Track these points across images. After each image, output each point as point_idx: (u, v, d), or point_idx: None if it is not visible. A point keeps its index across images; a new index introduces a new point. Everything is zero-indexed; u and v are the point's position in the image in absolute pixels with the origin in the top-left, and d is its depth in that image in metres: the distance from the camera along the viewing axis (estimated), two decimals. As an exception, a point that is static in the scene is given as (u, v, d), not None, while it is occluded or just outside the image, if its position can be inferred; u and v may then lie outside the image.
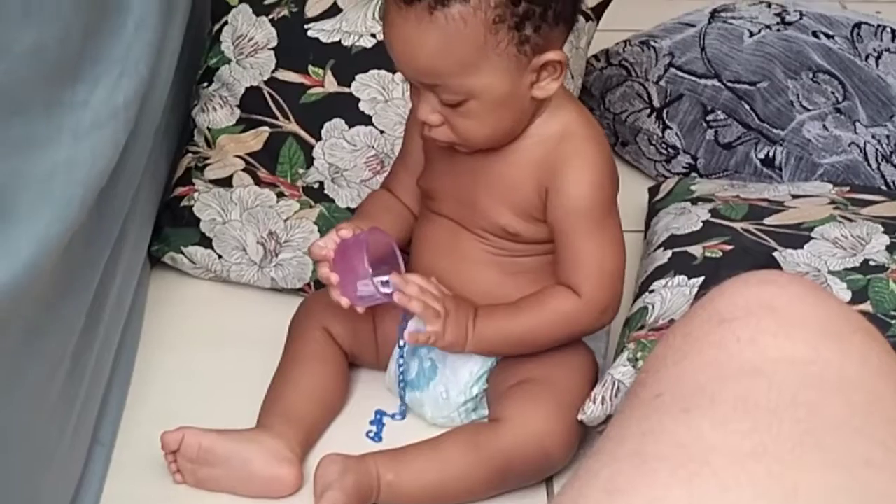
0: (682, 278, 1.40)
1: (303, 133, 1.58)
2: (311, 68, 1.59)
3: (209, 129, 1.61)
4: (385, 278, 1.30)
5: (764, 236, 1.44)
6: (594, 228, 1.30)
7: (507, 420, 1.31)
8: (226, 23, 1.64)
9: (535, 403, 1.32)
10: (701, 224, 1.48)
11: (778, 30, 1.73)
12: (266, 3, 1.63)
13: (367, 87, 1.58)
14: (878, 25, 1.78)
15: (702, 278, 1.38)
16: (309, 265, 1.55)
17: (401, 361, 1.39)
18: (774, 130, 1.67)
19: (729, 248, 1.43)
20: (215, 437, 1.31)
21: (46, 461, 1.20)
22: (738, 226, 1.46)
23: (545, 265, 1.35)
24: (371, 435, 1.39)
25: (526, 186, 1.32)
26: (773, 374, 0.41)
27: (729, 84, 1.70)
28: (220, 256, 1.57)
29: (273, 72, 1.60)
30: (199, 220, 1.58)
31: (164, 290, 1.60)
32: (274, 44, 1.61)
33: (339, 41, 1.59)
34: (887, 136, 1.66)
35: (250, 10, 1.63)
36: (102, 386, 1.37)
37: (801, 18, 1.76)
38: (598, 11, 1.70)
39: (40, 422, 1.17)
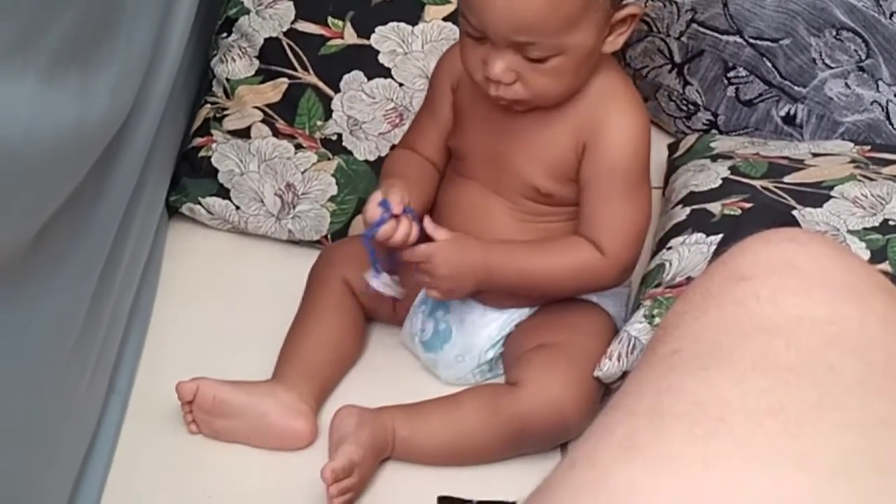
0: (700, 235, 1.40)
1: (321, 85, 1.57)
2: (330, 20, 1.58)
3: (228, 80, 1.61)
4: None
5: (783, 194, 1.43)
6: (627, 189, 1.30)
7: (525, 385, 1.31)
8: (245, -27, 1.63)
9: (553, 369, 1.31)
10: (720, 181, 1.47)
11: (802, -14, 1.71)
12: (286, -47, 1.62)
13: (387, 39, 1.57)
14: (904, -17, 1.76)
15: (720, 236, 1.38)
16: (326, 218, 1.54)
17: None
18: (796, 88, 1.66)
19: (748, 205, 1.42)
20: (230, 389, 1.32)
21: (63, 408, 1.21)
22: (757, 183, 1.46)
23: (574, 229, 1.34)
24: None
25: (563, 144, 1.31)
26: (793, 332, 0.41)
27: (751, 40, 1.68)
28: (237, 208, 1.57)
29: (292, 23, 1.59)
30: (217, 170, 1.58)
31: (181, 240, 1.60)
32: (293, -6, 1.60)
33: (359, -7, 1.58)
34: (910, 95, 1.65)
35: (270, -39, 1.62)
36: (119, 335, 1.38)
37: (825, -25, 1.74)
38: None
39: (56, 369, 1.17)
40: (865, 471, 0.36)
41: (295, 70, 1.58)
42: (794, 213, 1.38)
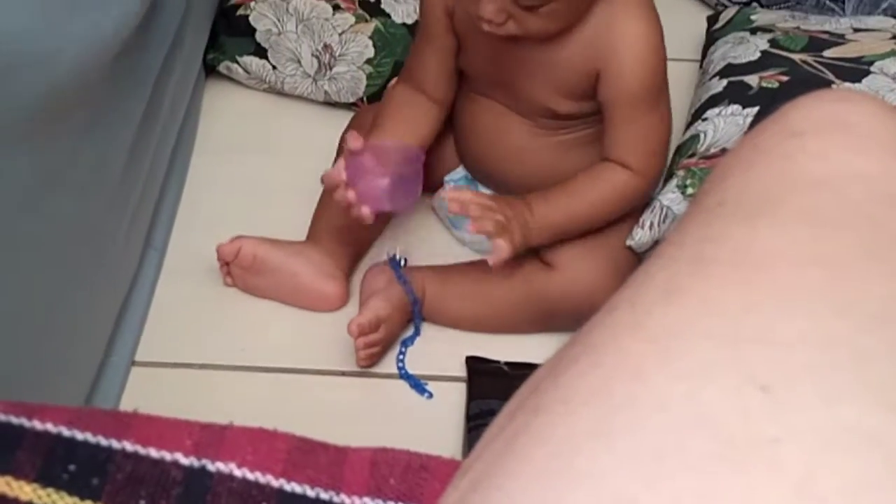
0: (736, 107, 1.39)
1: (360, -54, 1.56)
2: None
3: (266, -61, 1.60)
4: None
5: (822, 69, 1.43)
6: (647, 108, 1.25)
7: (558, 268, 1.31)
8: None
9: (587, 251, 1.31)
10: (759, 54, 1.46)
11: None
12: None
13: None
14: None
15: (756, 108, 1.37)
16: (363, 80, 1.54)
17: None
18: (840, -38, 1.64)
19: (786, 78, 1.41)
20: (269, 248, 1.33)
21: (100, 260, 1.23)
22: (796, 57, 1.45)
23: (594, 138, 1.30)
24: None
25: (574, 69, 1.25)
26: (840, 187, 0.42)
27: (797, -88, 1.66)
28: (274, 67, 1.57)
29: None
30: (254, 29, 1.58)
31: (218, 99, 1.61)
32: None
33: None
34: (956, -28, 1.63)
35: None
36: (156, 190, 1.39)
37: None
38: None
39: (94, 220, 1.19)
40: None
41: (334, -70, 1.57)
42: (833, 87, 1.38)
